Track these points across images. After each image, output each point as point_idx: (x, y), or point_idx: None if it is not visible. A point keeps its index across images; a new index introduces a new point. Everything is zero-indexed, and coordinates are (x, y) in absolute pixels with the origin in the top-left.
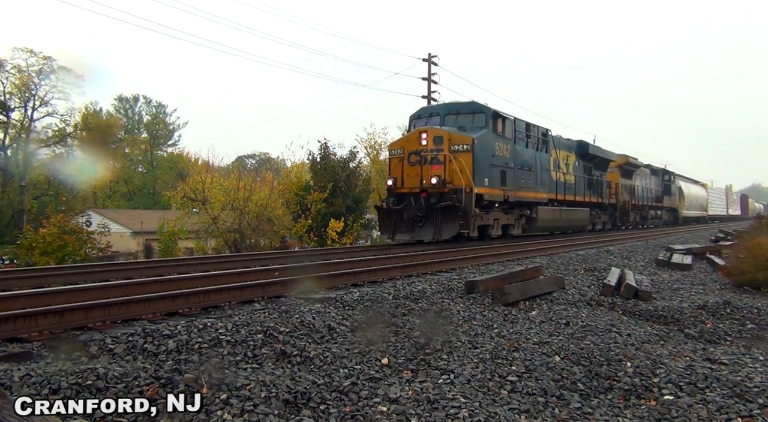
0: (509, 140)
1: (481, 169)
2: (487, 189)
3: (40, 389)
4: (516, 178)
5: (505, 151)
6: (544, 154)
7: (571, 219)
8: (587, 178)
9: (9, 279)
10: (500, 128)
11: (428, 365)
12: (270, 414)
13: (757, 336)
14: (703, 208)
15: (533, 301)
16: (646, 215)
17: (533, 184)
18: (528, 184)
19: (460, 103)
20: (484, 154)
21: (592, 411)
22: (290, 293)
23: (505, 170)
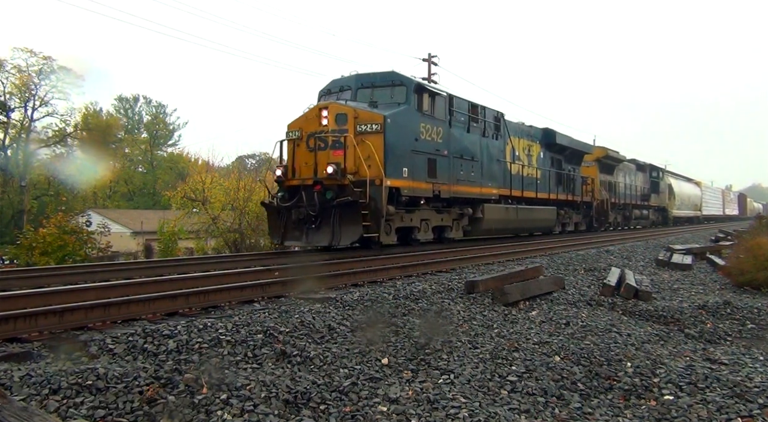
0: (442, 122)
1: (398, 155)
2: (407, 181)
3: (40, 389)
4: (452, 170)
5: (435, 135)
6: (495, 142)
7: (532, 220)
8: (556, 173)
9: (9, 279)
10: (427, 106)
11: (428, 365)
12: (270, 414)
13: (757, 336)
14: (697, 207)
15: (533, 301)
16: (630, 215)
17: (478, 177)
18: (471, 176)
19: (376, 73)
20: (402, 138)
21: (592, 411)
22: (290, 293)
23: (435, 159)
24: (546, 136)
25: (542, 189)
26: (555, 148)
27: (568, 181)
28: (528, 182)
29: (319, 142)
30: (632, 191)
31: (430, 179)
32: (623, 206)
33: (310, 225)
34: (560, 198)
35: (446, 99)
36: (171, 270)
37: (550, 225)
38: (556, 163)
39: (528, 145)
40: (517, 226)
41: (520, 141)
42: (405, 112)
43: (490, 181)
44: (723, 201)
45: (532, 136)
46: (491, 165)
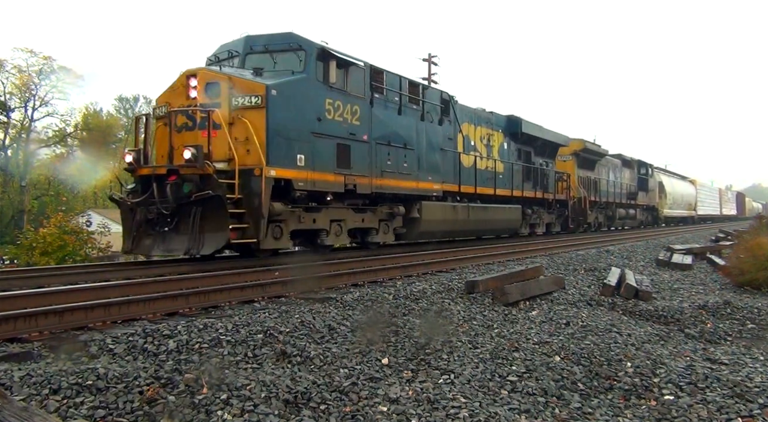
0: (360, 100)
1: (290, 138)
2: (305, 172)
3: (40, 389)
4: (376, 159)
5: (349, 115)
6: (440, 128)
7: (489, 220)
8: (523, 166)
9: (9, 279)
10: (337, 78)
11: (428, 365)
12: (270, 414)
13: (758, 336)
14: (691, 206)
15: (533, 301)
16: (613, 214)
17: (413, 170)
18: (403, 168)
19: (271, 35)
20: (297, 116)
21: (592, 411)
22: (290, 293)
23: (349, 145)
24: (510, 124)
25: (504, 184)
26: (522, 138)
27: (538, 176)
28: (485, 177)
29: (187, 120)
30: (617, 189)
31: (342, 170)
32: (605, 205)
33: (164, 228)
34: (527, 195)
35: (366, 71)
36: (171, 270)
37: (513, 226)
38: (523, 155)
39: (487, 134)
40: (469, 228)
41: (477, 129)
42: (301, 83)
43: (432, 174)
44: (720, 200)
45: (492, 123)
46: (433, 155)
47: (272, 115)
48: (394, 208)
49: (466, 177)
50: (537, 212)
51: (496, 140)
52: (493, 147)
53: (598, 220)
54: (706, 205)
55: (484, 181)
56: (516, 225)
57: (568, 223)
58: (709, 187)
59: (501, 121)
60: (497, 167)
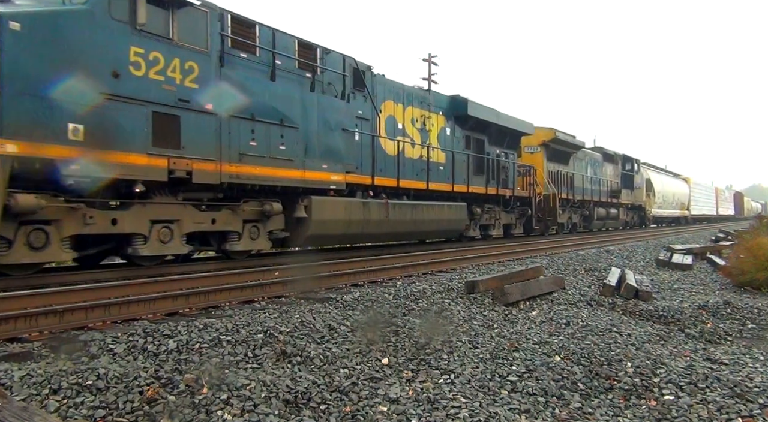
0: (198, 53)
1: (49, 97)
2: (82, 149)
3: (40, 389)
4: (231, 138)
5: (176, 73)
6: (343, 104)
7: (419, 221)
8: (473, 157)
9: (9, 279)
10: (145, 17)
11: (428, 365)
12: (270, 414)
13: (758, 336)
14: (684, 206)
15: (533, 301)
16: (591, 214)
17: (298, 155)
18: (279, 152)
19: None
20: (64, 64)
21: (592, 411)
22: (291, 293)
23: (176, 115)
24: (454, 106)
25: (443, 178)
26: (470, 123)
27: (493, 169)
28: (418, 168)
29: None
30: (596, 186)
31: (163, 150)
32: (581, 203)
33: None
34: (476, 191)
35: (211, 16)
36: (171, 270)
37: (455, 227)
38: (474, 144)
39: (422, 116)
40: (389, 230)
41: (407, 109)
42: (74, 18)
43: (329, 161)
44: (716, 199)
45: (430, 104)
46: (331, 137)
47: (11, 59)
48: (265, 204)
49: (388, 167)
50: (491, 211)
51: (434, 124)
52: (431, 132)
53: (572, 221)
54: (700, 204)
55: (414, 172)
56: (459, 226)
57: (532, 225)
58: (705, 185)
59: (442, 102)
60: (436, 156)
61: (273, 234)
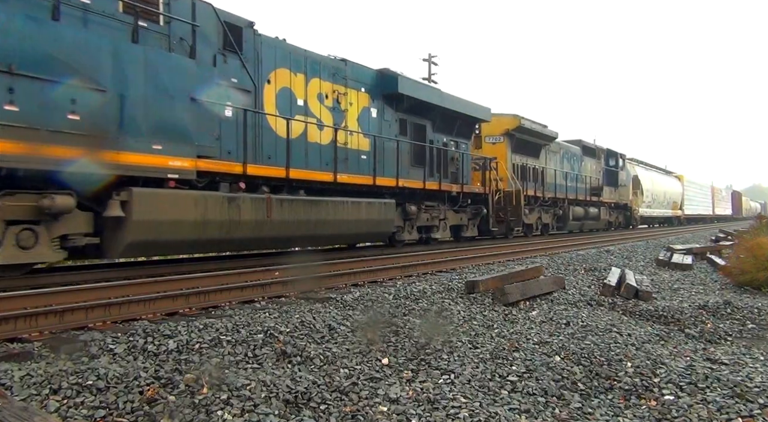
0: None
1: None
2: None
3: (40, 389)
4: None
5: None
6: (192, 64)
7: (321, 223)
8: (411, 145)
9: (9, 279)
10: None
11: (429, 365)
12: (270, 414)
13: (758, 336)
14: (676, 205)
15: (533, 301)
16: (566, 214)
17: (107, 127)
18: (65, 123)
19: None
20: None
21: (592, 411)
22: (291, 293)
23: None
24: (383, 83)
25: (365, 168)
26: (406, 104)
27: (436, 159)
28: (327, 155)
29: None
30: (573, 182)
31: None
32: (554, 202)
33: None
34: (410, 185)
35: None
36: (171, 270)
37: (378, 229)
38: (412, 129)
39: (336, 93)
40: (273, 234)
41: (312, 82)
42: None
43: (165, 140)
44: (712, 199)
45: (346, 78)
46: (170, 108)
47: None
48: (45, 198)
49: (279, 153)
50: (432, 210)
51: (354, 103)
52: (347, 112)
53: (542, 221)
54: (695, 203)
55: (322, 161)
56: (386, 228)
57: (489, 226)
58: (700, 183)
59: (365, 77)
60: (355, 142)
61: (70, 241)
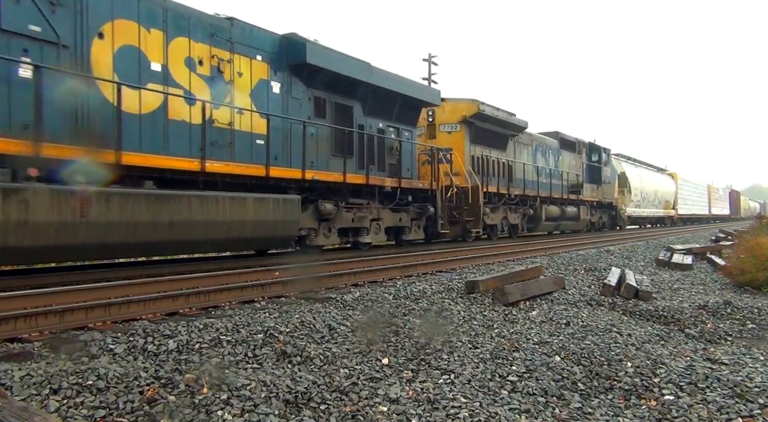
0: None
1: None
2: None
3: (40, 389)
4: None
5: None
6: None
7: (170, 226)
8: (329, 129)
9: (9, 279)
10: None
11: (429, 365)
12: (270, 414)
13: (758, 336)
14: (669, 204)
15: (534, 301)
16: (538, 214)
17: None
18: None
19: None
20: None
21: (592, 411)
22: (291, 293)
23: None
24: (290, 51)
25: (258, 156)
26: (323, 79)
27: (367, 148)
28: (198, 138)
29: None
30: (548, 178)
31: None
32: (523, 200)
33: None
34: (323, 178)
35: None
36: (171, 270)
37: (274, 233)
38: (334, 111)
39: (217, 59)
40: (91, 241)
41: (177, 42)
42: None
43: None
44: (709, 198)
45: (234, 42)
46: None
47: None
48: None
49: (120, 131)
50: (361, 209)
51: (245, 74)
52: (235, 84)
53: (508, 222)
54: (689, 203)
55: (183, 144)
56: (285, 231)
57: (437, 228)
58: (695, 182)
59: (262, 42)
60: (246, 123)
61: None
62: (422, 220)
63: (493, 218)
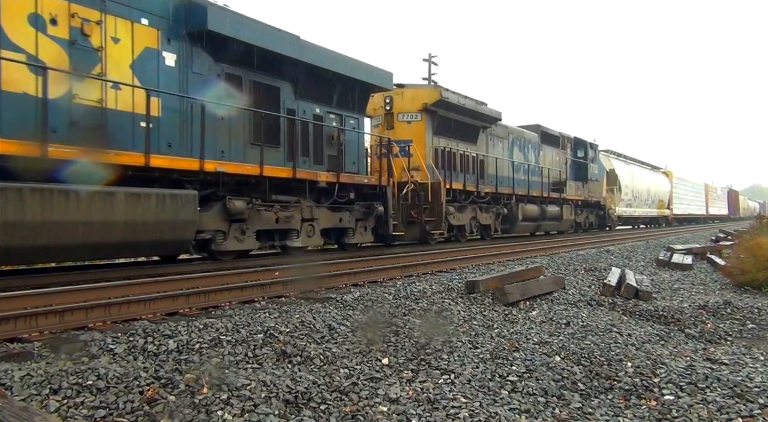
0: None
1: None
2: None
3: (40, 389)
4: None
5: None
6: None
7: None
8: (248, 112)
9: (9, 279)
10: None
11: (429, 365)
12: (270, 414)
13: (758, 336)
14: (663, 204)
15: (534, 301)
16: (514, 213)
17: None
18: None
19: None
20: None
21: (592, 411)
22: (291, 293)
23: None
24: (189, 16)
25: (137, 141)
26: (238, 53)
27: (305, 137)
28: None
29: None
30: (526, 175)
31: None
32: (496, 198)
33: None
34: (232, 170)
35: None
36: (171, 270)
37: (158, 237)
38: (256, 91)
39: (79, 16)
40: None
41: None
42: None
43: None
44: (706, 197)
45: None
46: None
47: None
48: None
49: None
50: (284, 207)
51: (123, 40)
52: (108, 52)
53: (478, 222)
54: (685, 202)
55: (24, 122)
56: (175, 234)
57: (389, 228)
58: (691, 181)
59: (151, 4)
60: (124, 101)
61: None
62: (370, 221)
63: (460, 218)
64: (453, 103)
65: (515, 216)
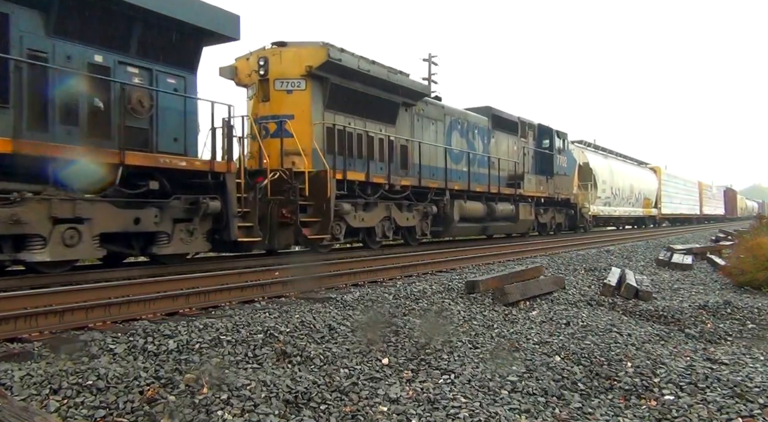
0: None
1: None
2: None
3: (40, 389)
4: None
5: None
6: None
7: None
8: None
9: (9, 279)
10: None
11: (429, 365)
12: (270, 414)
13: (758, 336)
14: (649, 203)
15: (534, 301)
16: (448, 213)
17: None
18: None
19: None
20: None
21: (592, 411)
22: (291, 293)
23: None
24: None
25: None
26: None
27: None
28: None
29: None
30: (469, 166)
31: None
32: (422, 193)
33: None
34: None
35: None
36: (171, 270)
37: None
38: None
39: None
40: None
41: None
42: None
43: None
44: (700, 196)
45: None
46: None
47: None
48: None
49: None
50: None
51: None
52: None
53: (393, 224)
54: (675, 201)
55: None
56: None
57: (230, 233)
58: (683, 178)
59: None
60: None
61: None
62: (203, 223)
63: (365, 219)
64: (351, 69)
65: (450, 216)
